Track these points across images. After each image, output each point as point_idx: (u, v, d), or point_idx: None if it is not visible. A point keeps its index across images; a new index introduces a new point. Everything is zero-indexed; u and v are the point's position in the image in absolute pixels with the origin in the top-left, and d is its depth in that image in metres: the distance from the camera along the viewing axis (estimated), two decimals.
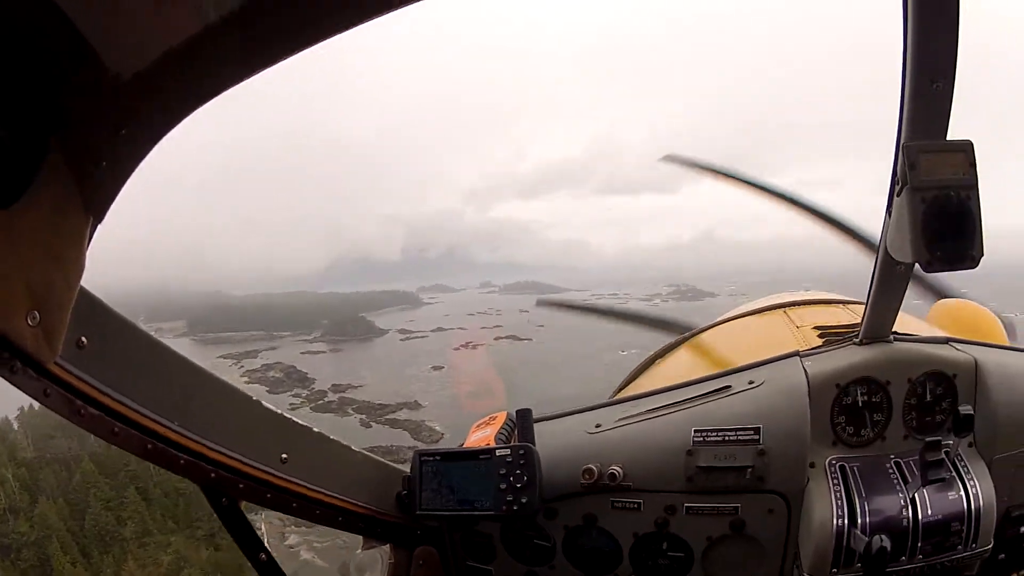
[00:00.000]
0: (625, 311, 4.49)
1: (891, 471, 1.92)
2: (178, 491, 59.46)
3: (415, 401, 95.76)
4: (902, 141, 1.56)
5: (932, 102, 1.48)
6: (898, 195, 1.58)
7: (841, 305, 2.99)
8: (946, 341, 2.09)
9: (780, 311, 3.01)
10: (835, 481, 1.90)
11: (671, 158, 4.21)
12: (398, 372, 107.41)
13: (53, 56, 0.91)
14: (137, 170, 1.11)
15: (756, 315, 3.17)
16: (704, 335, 3.28)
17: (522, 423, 2.11)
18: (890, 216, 1.67)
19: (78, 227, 1.09)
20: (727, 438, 1.99)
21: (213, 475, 1.59)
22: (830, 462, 1.95)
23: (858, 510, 1.82)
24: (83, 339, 1.25)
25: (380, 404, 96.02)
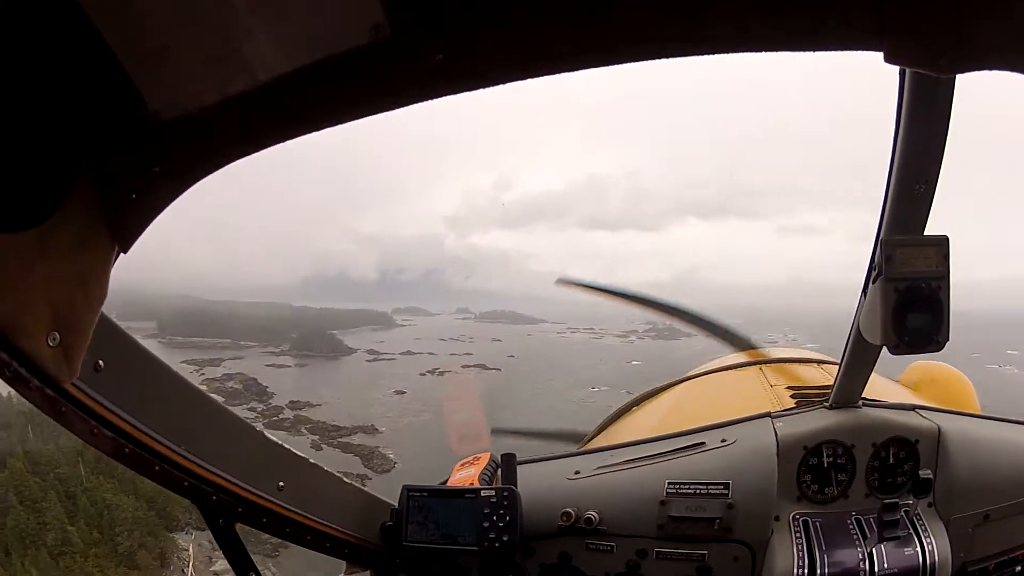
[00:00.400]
0: (660, 300, 4.24)
1: (851, 527, 2.03)
2: (106, 503, 56.06)
3: (372, 425, 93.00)
4: (881, 236, 1.67)
5: (914, 202, 1.59)
6: (873, 282, 1.69)
7: (815, 364, 3.17)
8: (912, 408, 2.22)
9: (756, 368, 3.17)
10: (798, 534, 2.03)
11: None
12: (359, 394, 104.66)
13: (95, 88, 0.94)
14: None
15: (732, 370, 3.32)
16: (681, 387, 3.40)
17: (506, 466, 2.25)
18: (865, 297, 1.79)
19: (104, 254, 1.11)
20: (698, 491, 2.11)
21: (215, 498, 1.66)
22: (794, 517, 2.08)
23: (818, 562, 1.94)
24: (100, 363, 1.29)
25: (335, 425, 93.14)
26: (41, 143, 0.95)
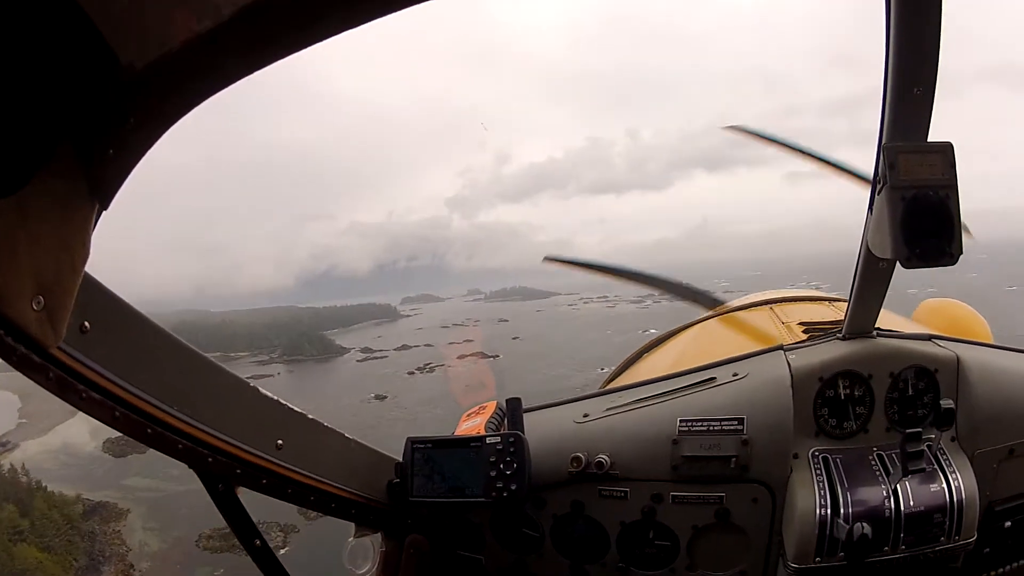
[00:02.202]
0: (646, 273, 3.88)
1: (873, 463, 1.97)
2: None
3: None
4: (883, 143, 1.63)
5: (913, 106, 1.55)
6: (879, 194, 1.66)
7: (826, 302, 3.20)
8: (928, 338, 2.16)
9: (767, 307, 3.17)
10: (818, 472, 1.96)
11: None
12: (334, 401, 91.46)
13: (67, 46, 0.92)
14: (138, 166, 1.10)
15: (743, 311, 3.28)
16: (691, 329, 3.43)
17: (511, 412, 2.19)
18: (871, 214, 1.75)
19: (85, 214, 1.09)
20: (711, 427, 2.05)
21: (210, 460, 1.61)
22: (813, 453, 2.01)
23: (841, 500, 1.88)
24: (86, 324, 1.27)
25: None
26: (20, 108, 0.92)
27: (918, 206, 1.56)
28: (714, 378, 2.18)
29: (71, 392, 1.26)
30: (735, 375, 2.16)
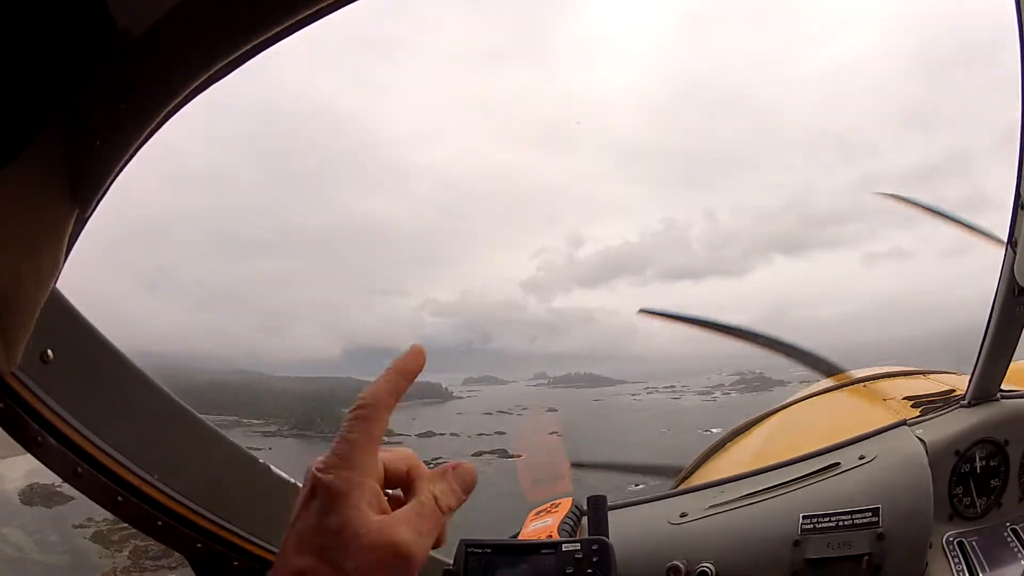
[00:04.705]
0: (752, 331, 3.72)
1: (1010, 540, 1.82)
2: None
3: None
4: None
5: None
6: None
7: (921, 375, 2.87)
8: None
9: (859, 386, 2.86)
10: (956, 561, 1.76)
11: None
12: None
13: (65, 10, 0.77)
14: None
15: (833, 392, 2.99)
16: (776, 417, 3.08)
17: (595, 512, 1.78)
18: (1013, 246, 1.62)
19: (61, 216, 0.93)
20: (841, 523, 1.76)
21: (200, 546, 1.33)
22: (948, 540, 1.80)
23: None
24: (48, 353, 1.08)
25: None
26: (8, 78, 0.77)
27: None
28: (838, 463, 1.88)
29: (24, 432, 1.04)
30: (862, 458, 1.86)
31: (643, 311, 4.14)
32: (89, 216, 0.96)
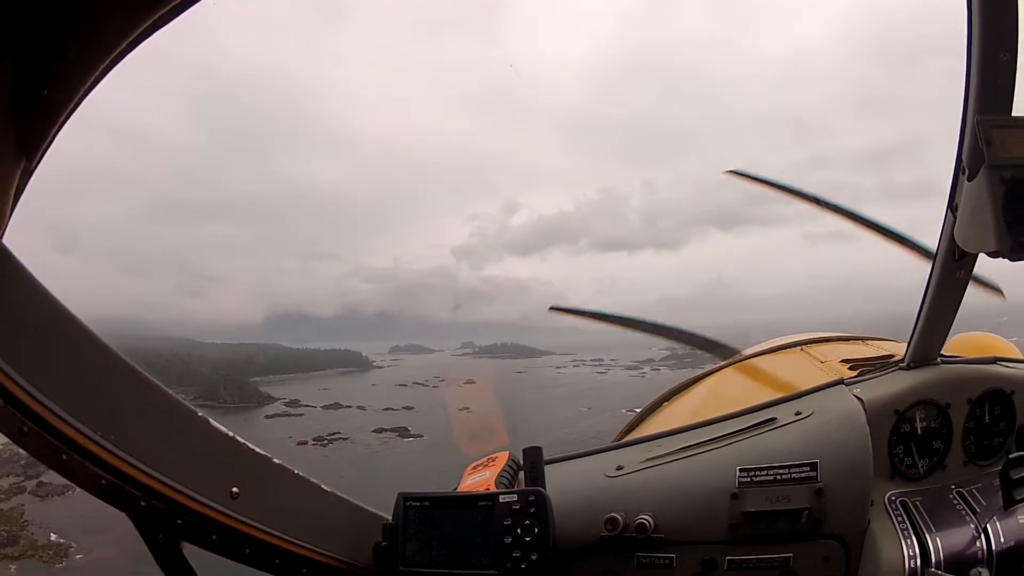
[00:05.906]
0: (657, 323, 3.80)
1: (955, 502, 1.81)
2: None
3: None
4: (970, 116, 1.48)
5: (999, 74, 1.43)
6: (969, 180, 1.50)
7: (860, 341, 2.87)
8: (994, 361, 2.02)
9: (797, 349, 2.87)
10: (899, 519, 1.77)
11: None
12: None
13: None
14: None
15: (771, 354, 2.96)
16: (715, 376, 3.07)
17: (530, 464, 1.84)
18: (954, 211, 1.60)
19: (8, 167, 0.91)
20: (779, 476, 1.77)
21: (143, 504, 1.30)
22: (890, 498, 1.82)
23: (930, 547, 1.68)
24: None
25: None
26: None
27: (1020, 188, 1.38)
28: (774, 419, 1.89)
29: None
30: (798, 414, 1.88)
31: (553, 308, 4.16)
32: (35, 167, 0.93)
